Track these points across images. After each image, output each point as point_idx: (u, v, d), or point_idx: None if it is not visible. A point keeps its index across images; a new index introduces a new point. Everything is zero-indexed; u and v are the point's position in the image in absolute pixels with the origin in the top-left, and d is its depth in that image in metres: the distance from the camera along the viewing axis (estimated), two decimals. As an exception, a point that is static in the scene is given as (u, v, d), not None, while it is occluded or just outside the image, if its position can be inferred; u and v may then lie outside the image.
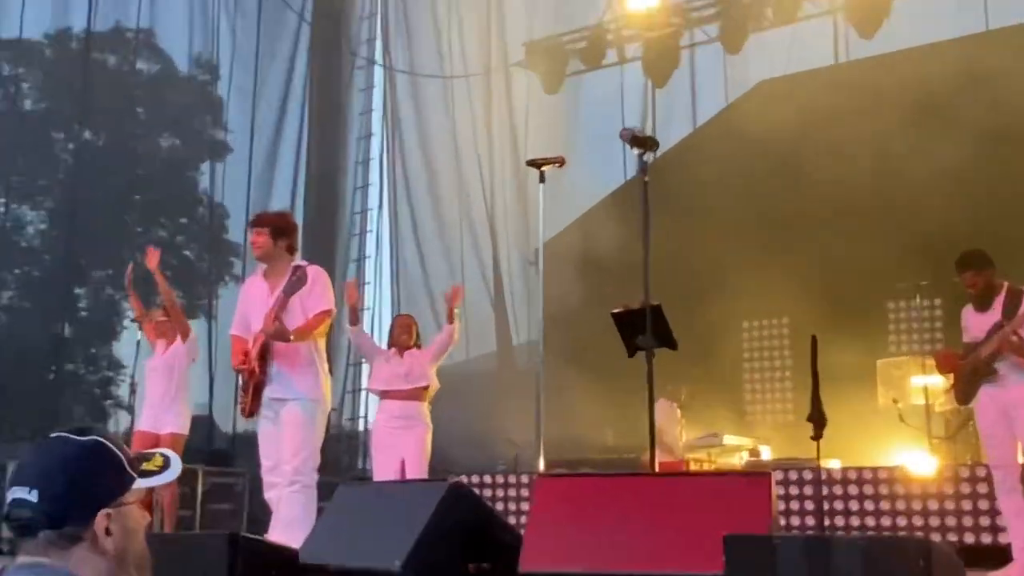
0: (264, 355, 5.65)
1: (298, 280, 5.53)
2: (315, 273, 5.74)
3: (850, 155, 10.01)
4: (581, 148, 12.55)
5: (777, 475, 7.20)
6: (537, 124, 13.21)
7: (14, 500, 1.81)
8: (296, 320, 5.62)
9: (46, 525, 1.79)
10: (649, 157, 5.29)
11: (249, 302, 5.91)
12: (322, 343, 5.86)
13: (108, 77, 14.80)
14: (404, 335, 7.54)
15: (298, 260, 5.93)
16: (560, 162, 5.97)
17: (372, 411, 12.57)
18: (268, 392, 5.68)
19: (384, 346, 7.72)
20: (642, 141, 5.25)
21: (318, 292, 5.73)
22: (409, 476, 7.11)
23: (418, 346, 7.62)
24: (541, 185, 5.92)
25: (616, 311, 5.83)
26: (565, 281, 9.44)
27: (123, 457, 1.89)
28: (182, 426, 7.90)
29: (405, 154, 14.13)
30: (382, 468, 7.29)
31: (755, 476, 4.37)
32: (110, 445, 1.88)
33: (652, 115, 12.51)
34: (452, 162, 13.70)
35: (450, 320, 7.53)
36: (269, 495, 5.73)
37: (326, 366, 5.87)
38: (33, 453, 1.88)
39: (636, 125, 8.72)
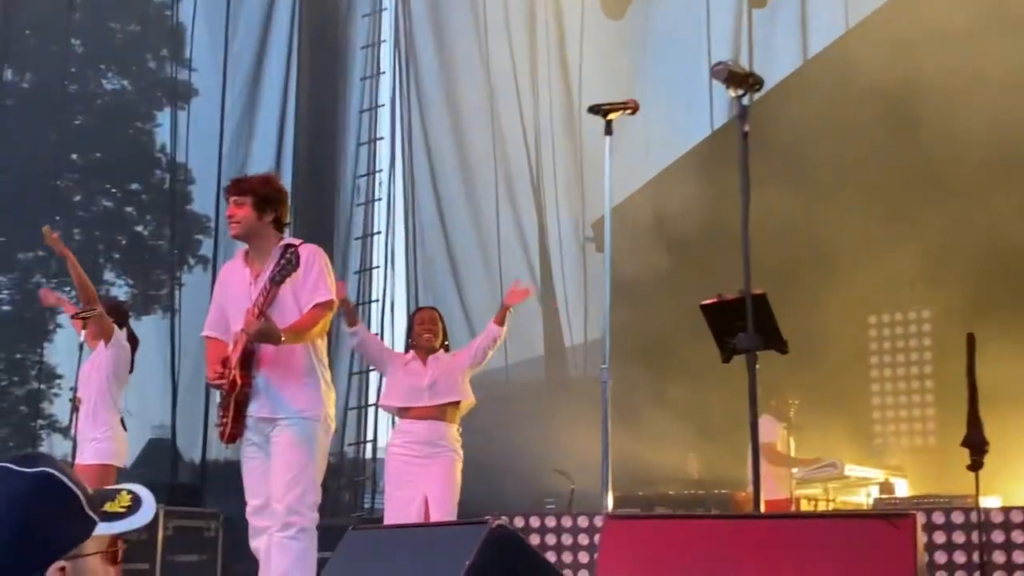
0: (248, 362, 5.69)
1: (288, 263, 5.54)
2: (310, 254, 5.77)
3: (1018, 92, 9.87)
4: (653, 88, 12.50)
5: (919, 517, 7.14)
6: (596, 56, 13.16)
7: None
8: (288, 316, 5.66)
9: (-17, 580, 1.80)
10: (748, 100, 5.24)
11: (227, 294, 5.95)
12: (322, 345, 5.90)
13: None
14: (427, 333, 7.59)
15: (288, 238, 5.96)
16: (633, 108, 5.96)
17: (384, 433, 12.66)
18: (254, 410, 5.73)
19: (399, 349, 7.76)
20: (742, 79, 5.19)
21: (314, 278, 5.76)
22: (434, 517, 7.15)
23: (446, 348, 7.65)
24: (607, 138, 5.91)
25: (707, 302, 5.80)
26: (635, 262, 9.40)
27: (80, 495, 1.90)
28: (104, 452, 7.97)
29: (424, 99, 14.10)
30: (398, 507, 7.34)
31: (895, 519, 4.34)
32: (63, 478, 1.89)
33: (748, 44, 12.42)
34: (485, 108, 13.67)
35: (500, 321, 7.59)
36: (255, 543, 5.77)
37: (328, 375, 5.91)
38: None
39: (729, 58, 8.66)
